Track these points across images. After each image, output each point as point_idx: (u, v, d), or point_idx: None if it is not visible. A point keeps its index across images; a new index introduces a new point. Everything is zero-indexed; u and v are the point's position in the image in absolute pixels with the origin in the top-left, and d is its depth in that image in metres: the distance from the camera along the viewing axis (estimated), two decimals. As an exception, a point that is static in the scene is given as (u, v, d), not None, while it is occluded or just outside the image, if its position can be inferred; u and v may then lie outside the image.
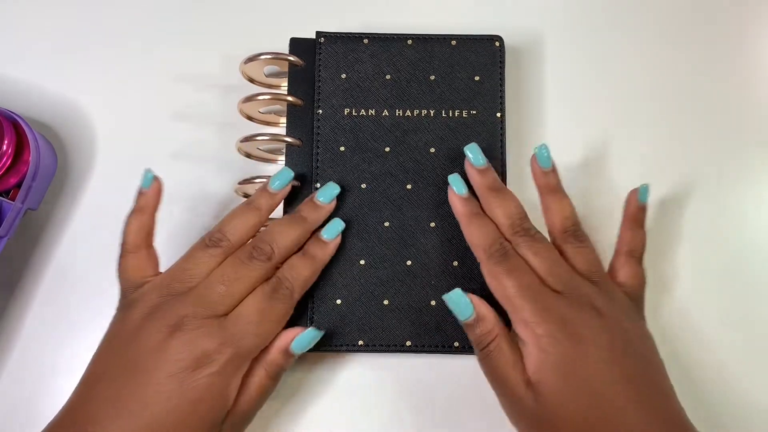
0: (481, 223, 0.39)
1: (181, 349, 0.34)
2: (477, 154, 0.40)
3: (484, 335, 0.37)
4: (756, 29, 0.48)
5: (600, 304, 0.36)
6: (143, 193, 0.40)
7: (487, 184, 0.40)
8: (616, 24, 0.48)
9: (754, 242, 0.45)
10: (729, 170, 0.46)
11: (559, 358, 0.34)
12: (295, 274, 0.38)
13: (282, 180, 0.40)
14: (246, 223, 0.39)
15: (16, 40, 0.47)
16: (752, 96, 0.47)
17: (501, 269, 0.37)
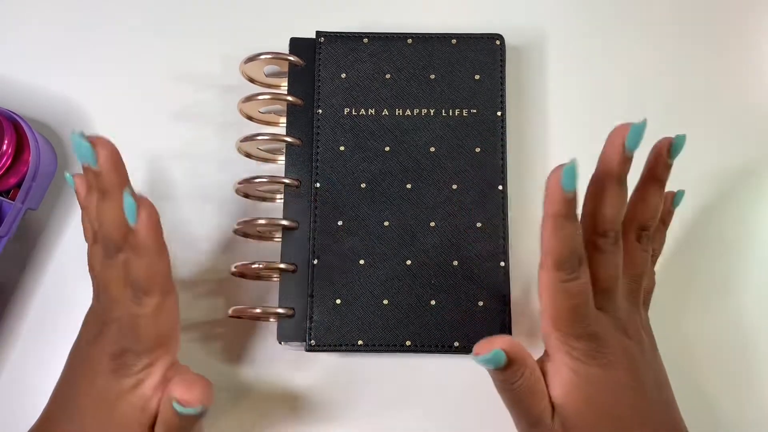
0: (572, 232, 0.32)
1: (98, 353, 0.35)
2: (638, 135, 0.33)
3: (514, 373, 0.33)
4: (760, 28, 0.48)
5: (629, 326, 0.35)
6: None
7: (621, 175, 0.33)
8: (617, 22, 0.48)
9: (754, 243, 0.45)
10: (732, 169, 0.46)
11: (588, 384, 0.33)
12: (134, 274, 0.32)
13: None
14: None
15: (16, 40, 0.47)
16: (757, 95, 0.47)
17: (563, 288, 0.33)
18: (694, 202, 0.45)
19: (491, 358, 0.32)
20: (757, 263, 0.44)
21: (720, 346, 0.43)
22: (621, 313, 0.35)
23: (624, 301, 0.35)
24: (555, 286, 0.33)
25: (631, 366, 0.34)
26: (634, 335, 0.35)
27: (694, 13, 0.48)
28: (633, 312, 0.36)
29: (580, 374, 0.33)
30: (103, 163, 0.33)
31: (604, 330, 0.34)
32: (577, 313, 0.33)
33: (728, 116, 0.46)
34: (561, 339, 0.34)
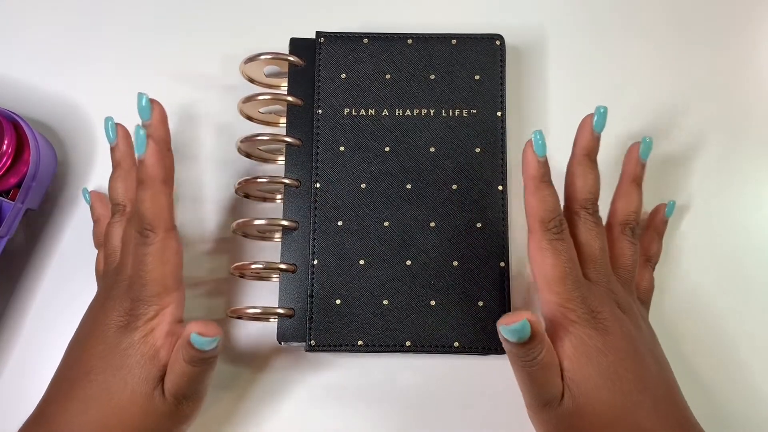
0: (549, 192, 0.37)
1: (107, 312, 0.37)
2: (602, 118, 0.38)
3: (533, 348, 0.34)
4: (760, 28, 0.48)
5: (624, 304, 0.37)
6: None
7: (591, 150, 0.39)
8: (617, 23, 0.48)
9: (753, 244, 0.45)
10: (731, 170, 0.46)
11: (589, 346, 0.35)
12: (141, 209, 0.36)
13: (111, 137, 0.41)
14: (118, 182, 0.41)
15: (16, 40, 0.47)
16: (757, 95, 0.47)
17: (550, 246, 0.36)
18: (692, 201, 0.45)
19: (519, 329, 0.33)
20: (757, 262, 0.44)
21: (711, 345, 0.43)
22: (615, 288, 0.37)
23: (617, 284, 0.37)
24: (543, 246, 0.37)
25: (626, 335, 0.35)
26: (628, 311, 0.36)
27: (694, 13, 0.48)
28: (628, 297, 0.37)
29: (581, 337, 0.35)
30: (156, 117, 0.38)
31: (596, 297, 0.36)
32: (569, 275, 0.36)
33: (728, 116, 0.46)
34: (556, 302, 0.36)
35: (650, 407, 0.34)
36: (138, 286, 0.36)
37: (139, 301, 0.36)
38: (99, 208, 0.43)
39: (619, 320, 0.35)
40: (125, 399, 0.34)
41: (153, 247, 0.36)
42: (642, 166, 0.41)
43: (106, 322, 0.36)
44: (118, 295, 0.36)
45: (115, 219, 0.40)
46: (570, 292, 0.35)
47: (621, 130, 0.46)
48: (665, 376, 0.36)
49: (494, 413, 0.37)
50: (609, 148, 0.46)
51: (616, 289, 0.37)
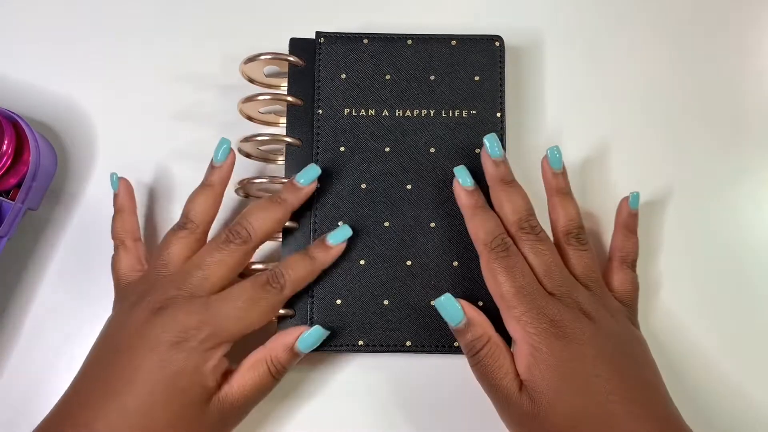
0: (485, 216, 0.39)
1: (163, 325, 0.35)
2: (495, 145, 0.40)
3: (475, 340, 0.37)
4: (757, 28, 0.48)
5: (591, 309, 0.36)
6: (115, 194, 0.42)
7: (500, 176, 0.40)
8: (617, 24, 0.48)
9: (750, 244, 0.45)
10: (729, 170, 0.46)
11: (550, 355, 0.35)
12: (291, 271, 0.38)
13: (223, 154, 0.41)
14: (204, 201, 0.40)
15: (16, 40, 0.47)
16: (756, 95, 0.47)
17: (499, 265, 0.37)
18: (691, 201, 0.45)
19: (448, 306, 0.37)
20: (757, 266, 0.44)
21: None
22: (578, 296, 0.37)
23: (582, 291, 0.37)
24: (493, 266, 0.37)
25: (591, 341, 0.35)
26: (598, 318, 0.36)
27: (692, 13, 0.48)
28: (596, 302, 0.37)
29: (540, 347, 0.35)
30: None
31: (556, 308, 0.36)
32: (523, 289, 0.36)
33: (728, 116, 0.46)
34: (515, 317, 0.36)
35: (623, 406, 0.34)
36: (224, 317, 0.36)
37: (211, 326, 0.36)
38: (124, 198, 0.42)
39: (582, 326, 0.35)
40: (171, 417, 0.35)
41: (274, 298, 0.38)
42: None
43: (157, 335, 0.35)
44: (179, 309, 0.36)
45: (181, 234, 0.39)
46: (525, 305, 0.36)
47: (621, 130, 0.46)
48: (643, 375, 0.36)
49: (495, 413, 0.37)
50: (608, 150, 0.46)
51: (581, 296, 0.37)
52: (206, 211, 0.40)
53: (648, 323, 0.43)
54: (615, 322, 0.37)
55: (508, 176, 0.40)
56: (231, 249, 0.38)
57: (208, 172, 0.41)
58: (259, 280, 0.38)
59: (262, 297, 0.37)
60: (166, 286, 0.37)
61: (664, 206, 0.45)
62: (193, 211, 0.39)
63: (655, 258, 0.44)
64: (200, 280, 0.37)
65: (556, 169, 0.40)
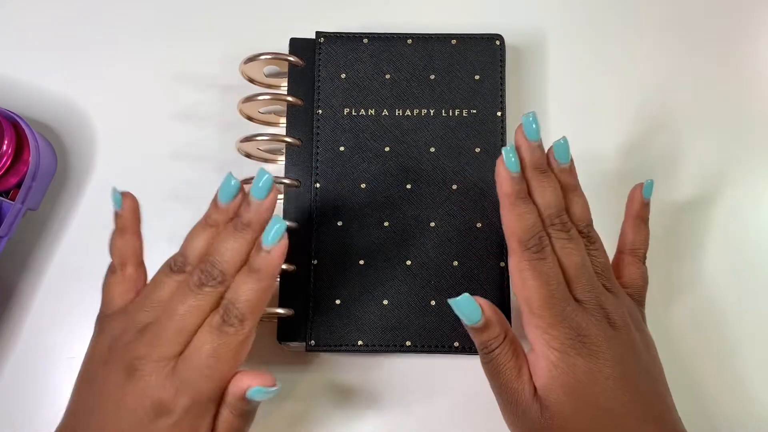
0: (526, 209, 0.35)
1: (137, 398, 0.31)
2: (534, 128, 0.36)
3: (491, 340, 0.35)
4: (760, 29, 0.48)
5: (616, 317, 0.35)
6: (119, 214, 0.36)
7: (536, 163, 0.36)
8: (617, 22, 0.48)
9: (762, 245, 0.45)
10: (733, 170, 0.46)
11: (569, 374, 0.33)
12: (242, 296, 0.33)
13: (230, 192, 0.35)
14: (205, 242, 0.35)
15: (16, 40, 0.47)
16: (757, 95, 0.47)
17: (531, 268, 0.35)
18: (691, 201, 0.45)
19: (466, 305, 0.34)
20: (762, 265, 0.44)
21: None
22: (606, 302, 0.35)
23: (608, 297, 0.35)
24: (524, 267, 0.35)
25: (615, 356, 0.34)
26: (621, 326, 0.35)
27: (693, 14, 0.48)
28: (621, 307, 0.36)
29: (560, 365, 0.34)
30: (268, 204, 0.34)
31: (584, 320, 0.34)
32: (552, 298, 0.34)
33: (728, 117, 0.46)
34: (540, 327, 0.34)
35: (637, 425, 0.33)
36: (196, 380, 0.32)
37: (187, 395, 0.32)
38: (129, 217, 0.37)
39: (609, 341, 0.34)
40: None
41: (241, 337, 0.32)
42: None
43: (134, 409, 0.31)
44: (151, 378, 0.32)
45: (178, 278, 0.34)
46: (554, 317, 0.34)
47: (621, 129, 0.46)
48: (656, 389, 0.35)
49: (495, 413, 0.37)
50: (608, 149, 0.46)
51: (608, 303, 0.35)
52: (202, 253, 0.35)
53: (667, 323, 0.43)
54: (635, 328, 0.36)
55: (544, 163, 0.36)
56: (206, 293, 0.33)
57: (213, 209, 0.36)
58: (213, 324, 0.32)
59: (225, 343, 0.32)
60: (138, 341, 0.33)
61: (667, 206, 0.45)
62: (192, 257, 0.35)
63: (671, 259, 0.44)
64: (174, 335, 0.32)
65: (563, 163, 0.37)
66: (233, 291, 0.33)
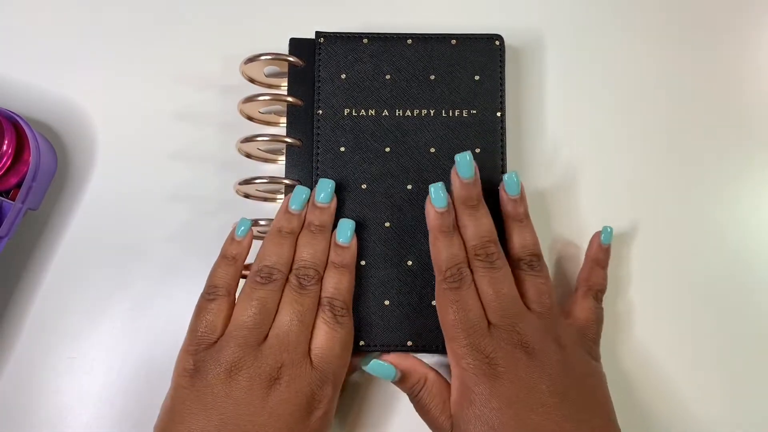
0: (447, 242, 0.38)
1: (292, 402, 0.35)
2: (467, 165, 0.39)
3: (413, 386, 0.39)
4: (758, 28, 0.48)
5: (534, 341, 0.36)
6: (238, 241, 0.40)
7: (464, 198, 0.39)
8: (617, 23, 0.48)
9: (755, 249, 0.45)
10: (729, 170, 0.46)
11: (477, 396, 0.35)
12: (340, 288, 0.39)
13: (303, 199, 0.40)
14: (285, 250, 0.39)
15: (16, 40, 0.47)
16: (755, 95, 0.47)
17: (449, 296, 0.37)
18: (691, 201, 0.45)
19: (378, 370, 0.39)
20: (761, 264, 0.45)
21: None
22: (523, 328, 0.36)
23: (529, 323, 0.37)
24: (440, 294, 0.38)
25: (519, 380, 0.35)
26: (539, 350, 0.36)
27: (692, 14, 0.48)
28: (544, 335, 0.37)
29: (467, 385, 0.36)
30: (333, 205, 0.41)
31: (492, 343, 0.36)
32: (463, 325, 0.36)
33: (727, 116, 0.46)
34: (453, 353, 0.37)
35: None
36: (334, 369, 0.37)
37: (330, 384, 0.36)
38: (247, 249, 0.40)
39: (515, 364, 0.35)
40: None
41: (350, 323, 0.38)
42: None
43: (291, 412, 0.35)
44: (295, 379, 0.35)
45: (270, 287, 0.38)
46: (462, 340, 0.36)
47: (621, 129, 0.46)
48: (579, 415, 0.35)
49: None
50: (608, 149, 0.46)
51: (526, 327, 0.36)
52: (289, 259, 0.39)
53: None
54: (563, 354, 0.36)
55: (473, 200, 0.39)
56: (309, 291, 0.38)
57: (283, 218, 0.40)
58: (328, 319, 0.38)
59: (346, 333, 0.38)
60: (268, 353, 0.36)
61: (667, 206, 0.45)
62: (279, 261, 0.39)
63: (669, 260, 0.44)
64: (298, 336, 0.37)
65: (513, 195, 0.40)
66: (331, 287, 0.38)
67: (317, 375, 0.36)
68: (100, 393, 0.43)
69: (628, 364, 0.43)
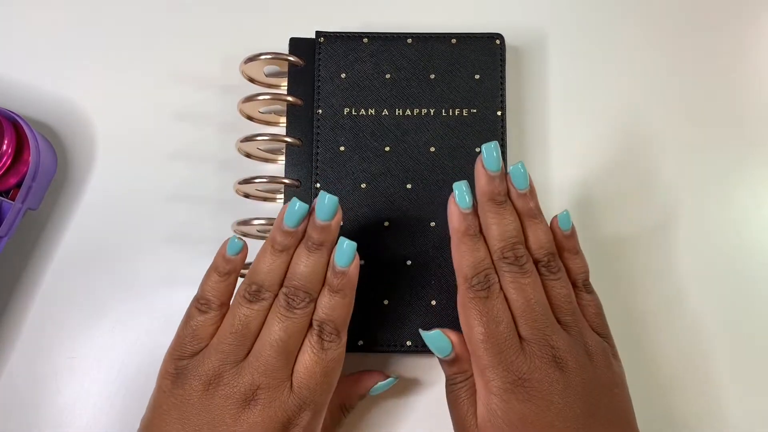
0: (473, 247, 0.35)
1: (266, 425, 0.33)
2: (494, 155, 0.35)
3: (458, 374, 0.36)
4: (761, 27, 0.48)
5: (567, 355, 0.33)
6: (230, 259, 0.37)
7: (492, 194, 0.36)
8: (617, 22, 0.48)
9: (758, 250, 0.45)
10: (731, 168, 0.46)
11: (504, 419, 0.33)
12: (333, 313, 0.35)
13: (297, 216, 0.36)
14: (277, 266, 0.36)
15: (16, 40, 0.47)
16: (758, 93, 0.47)
17: (477, 308, 0.34)
18: (691, 202, 0.45)
19: (437, 339, 0.36)
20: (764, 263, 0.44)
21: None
22: (555, 340, 0.34)
23: (559, 333, 0.34)
24: (467, 305, 0.35)
25: (558, 401, 0.33)
26: (573, 367, 0.33)
27: (694, 12, 0.48)
28: (572, 341, 0.34)
29: (495, 409, 0.33)
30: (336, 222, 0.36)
31: (524, 362, 0.33)
32: (492, 339, 0.33)
33: (729, 116, 0.46)
34: (479, 368, 0.34)
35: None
36: (315, 394, 0.34)
37: (310, 409, 0.34)
38: (240, 265, 0.37)
39: (552, 384, 0.33)
40: None
41: (339, 348, 0.35)
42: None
43: (262, 430, 0.33)
44: (271, 402, 0.33)
45: (257, 306, 0.35)
46: (491, 359, 0.33)
47: (620, 130, 0.46)
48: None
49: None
50: (609, 148, 0.46)
51: (558, 341, 0.34)
52: (278, 278, 0.36)
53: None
54: (593, 367, 0.34)
55: (501, 195, 0.36)
56: (298, 314, 0.34)
57: (278, 233, 0.36)
58: (314, 343, 0.34)
59: (331, 359, 0.35)
60: (247, 372, 0.34)
61: (667, 205, 0.45)
62: (268, 281, 0.35)
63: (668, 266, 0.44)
64: (284, 360, 0.34)
65: (522, 189, 0.36)
66: (323, 310, 0.35)
67: (295, 400, 0.34)
68: (100, 393, 0.43)
69: (629, 362, 0.43)
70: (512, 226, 0.36)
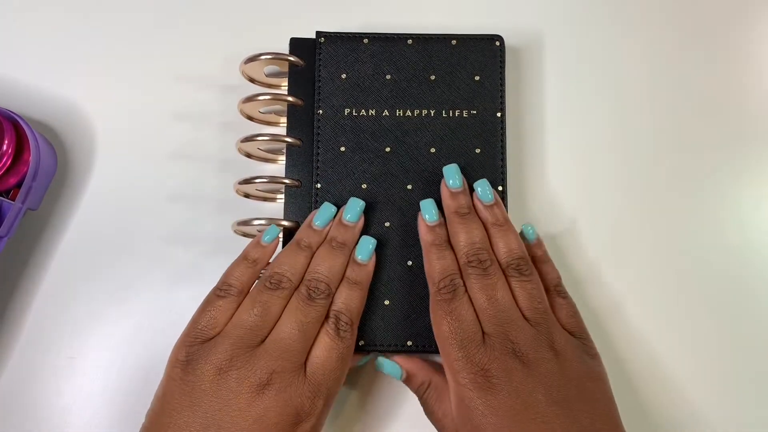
0: (439, 255, 0.39)
1: (280, 410, 0.34)
2: (454, 175, 0.40)
3: (419, 387, 0.39)
4: (757, 29, 0.48)
5: (528, 350, 0.35)
6: (263, 246, 0.40)
7: (455, 207, 0.40)
8: (616, 23, 0.48)
9: (756, 250, 0.45)
10: (728, 170, 0.46)
11: (473, 411, 0.35)
12: (349, 305, 0.38)
13: (327, 217, 0.40)
14: (300, 261, 0.39)
15: (16, 40, 0.47)
16: (754, 95, 0.47)
17: (443, 308, 0.37)
18: (691, 200, 0.45)
19: (386, 368, 0.40)
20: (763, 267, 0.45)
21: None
22: (516, 336, 0.36)
23: (521, 330, 0.36)
24: (434, 307, 0.38)
25: (515, 392, 0.34)
26: (534, 359, 0.35)
27: (692, 15, 0.48)
28: (536, 340, 0.36)
29: (463, 399, 0.35)
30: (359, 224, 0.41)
31: (486, 354, 0.35)
32: (453, 335, 0.36)
33: (727, 117, 0.47)
34: (449, 365, 0.36)
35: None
36: (328, 382, 0.36)
37: (322, 397, 0.35)
38: (271, 254, 0.40)
39: (510, 375, 0.35)
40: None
41: (351, 339, 0.37)
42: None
43: (276, 423, 0.34)
44: (286, 388, 0.35)
45: (278, 294, 0.37)
46: (455, 353, 0.36)
47: (620, 130, 0.46)
48: (581, 421, 0.34)
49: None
50: (608, 149, 0.46)
51: (517, 335, 0.36)
52: (300, 271, 0.38)
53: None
54: (559, 360, 0.36)
55: (463, 208, 0.40)
56: (318, 304, 0.37)
57: (305, 232, 0.40)
58: (330, 332, 0.37)
59: (345, 348, 0.37)
60: (263, 356, 0.35)
61: (667, 204, 0.45)
62: (291, 272, 0.38)
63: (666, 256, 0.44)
64: (301, 346, 0.36)
65: (487, 201, 0.40)
66: (341, 300, 0.38)
67: (309, 387, 0.35)
68: (100, 393, 0.43)
69: (628, 362, 0.43)
70: (476, 233, 0.39)
